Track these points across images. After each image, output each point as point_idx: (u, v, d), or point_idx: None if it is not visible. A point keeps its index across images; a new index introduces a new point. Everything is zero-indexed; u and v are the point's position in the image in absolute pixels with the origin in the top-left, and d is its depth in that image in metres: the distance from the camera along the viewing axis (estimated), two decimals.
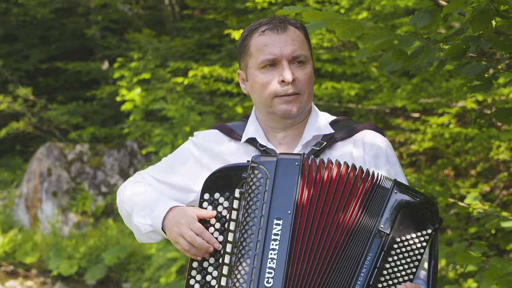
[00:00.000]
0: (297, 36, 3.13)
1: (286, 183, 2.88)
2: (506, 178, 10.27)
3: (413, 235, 2.92)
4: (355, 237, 2.89)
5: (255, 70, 3.14)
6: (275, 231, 2.82)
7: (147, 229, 3.09)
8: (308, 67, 3.15)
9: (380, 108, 11.00)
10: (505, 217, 5.19)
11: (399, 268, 2.91)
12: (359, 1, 9.55)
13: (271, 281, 2.78)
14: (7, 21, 19.18)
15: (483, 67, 3.51)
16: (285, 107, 3.10)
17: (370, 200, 2.92)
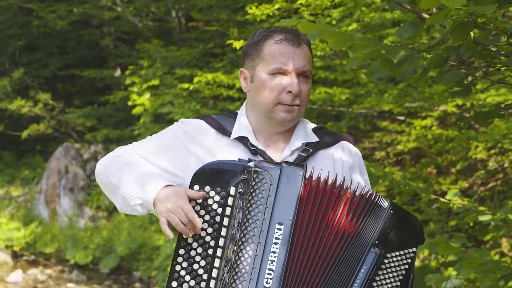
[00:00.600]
0: (307, 52, 3.10)
1: (289, 191, 2.84)
2: (483, 176, 10.27)
3: (401, 252, 2.93)
4: (352, 249, 2.87)
5: (264, 74, 3.08)
6: (276, 235, 2.78)
7: (136, 201, 2.97)
8: (310, 81, 3.12)
9: (368, 112, 10.99)
10: (482, 211, 5.19)
11: (386, 282, 2.91)
12: (350, 13, 9.54)
13: (270, 281, 2.74)
14: (28, 32, 19.18)
15: (463, 75, 3.50)
16: (285, 115, 3.06)
17: (368, 217, 2.90)
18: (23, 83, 18.82)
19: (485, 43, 3.39)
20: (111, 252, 14.32)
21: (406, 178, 8.77)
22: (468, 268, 5.15)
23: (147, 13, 16.72)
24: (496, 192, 10.09)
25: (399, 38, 3.41)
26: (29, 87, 18.86)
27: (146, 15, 16.79)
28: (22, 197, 17.38)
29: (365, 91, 10.17)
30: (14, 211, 16.70)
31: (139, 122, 13.39)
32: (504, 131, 8.28)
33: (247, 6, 10.36)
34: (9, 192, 17.70)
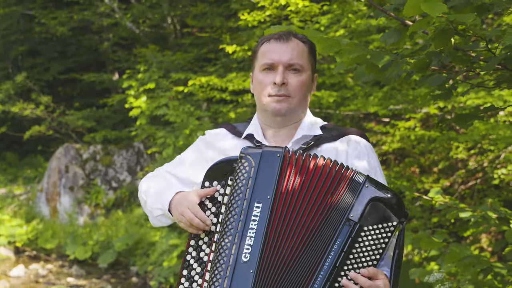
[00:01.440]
0: (298, 47, 3.15)
1: (268, 172, 2.88)
2: (463, 175, 10.28)
3: (379, 226, 2.90)
4: (327, 223, 2.87)
5: (257, 72, 3.19)
6: (255, 213, 2.83)
7: (158, 212, 3.15)
8: (303, 75, 3.15)
9: (355, 114, 11.00)
10: (463, 209, 5.20)
11: (364, 254, 2.88)
12: (337, 19, 9.55)
13: (248, 256, 2.78)
14: (30, 38, 19.16)
15: (444, 79, 3.51)
16: (274, 105, 3.12)
17: (343, 190, 2.90)
18: (25, 87, 18.79)
19: (465, 49, 3.40)
20: (109, 248, 14.31)
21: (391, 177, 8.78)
22: (449, 263, 5.16)
23: (144, 20, 16.71)
24: (476, 190, 10.11)
25: (384, 44, 3.42)
26: (31, 90, 18.83)
27: (143, 22, 16.78)
28: (24, 195, 17.34)
29: (352, 94, 10.18)
30: (16, 208, 16.67)
31: (136, 124, 13.36)
32: (483, 132, 8.30)
33: (240, 13, 10.36)
34: (11, 190, 17.67)
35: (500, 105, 8.12)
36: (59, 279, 13.44)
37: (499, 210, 5.20)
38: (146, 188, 3.29)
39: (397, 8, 3.36)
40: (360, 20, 9.15)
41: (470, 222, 5.34)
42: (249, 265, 2.79)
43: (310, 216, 2.88)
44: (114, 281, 13.30)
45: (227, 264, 2.79)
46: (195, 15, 14.86)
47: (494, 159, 9.77)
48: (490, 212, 5.14)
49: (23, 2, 18.59)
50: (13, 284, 12.87)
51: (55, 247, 15.20)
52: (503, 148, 9.26)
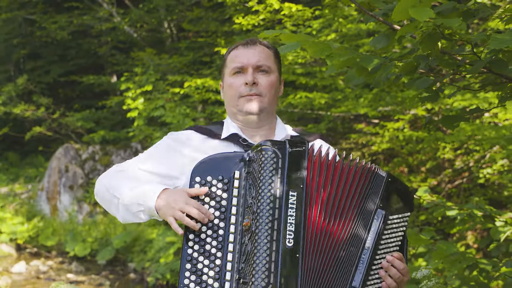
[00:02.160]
0: (264, 51, 3.22)
1: (297, 163, 2.87)
2: (450, 174, 10.30)
3: (399, 215, 3.00)
4: (362, 210, 2.92)
5: (227, 77, 3.22)
6: (291, 201, 2.79)
7: (138, 208, 2.97)
8: (271, 76, 3.20)
9: (345, 115, 11.00)
10: (449, 207, 5.21)
11: (390, 240, 2.97)
12: (328, 24, 9.56)
13: (291, 241, 2.75)
14: (32, 42, 19.16)
15: (431, 81, 3.52)
16: (248, 105, 3.16)
17: (371, 184, 2.96)
18: (26, 89, 18.80)
19: (451, 53, 3.40)
20: (108, 245, 14.30)
21: None
22: (436, 259, 5.17)
23: (142, 24, 16.70)
24: (462, 189, 10.12)
25: (373, 48, 3.42)
26: (32, 92, 18.85)
27: (141, 26, 16.77)
28: (26, 194, 17.33)
29: (343, 96, 10.19)
30: (18, 207, 16.66)
31: (133, 125, 13.35)
32: (469, 133, 8.31)
33: (234, 17, 10.36)
34: (13, 189, 17.66)
35: (485, 107, 8.13)
36: (59, 275, 13.43)
37: (485, 208, 5.21)
38: (115, 184, 3.10)
39: (386, 13, 3.36)
40: (350, 25, 9.16)
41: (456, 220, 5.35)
42: (294, 250, 2.75)
43: (347, 204, 2.90)
44: (112, 277, 13.29)
45: (270, 249, 2.72)
46: (191, 19, 14.86)
47: (480, 159, 9.78)
48: (476, 210, 5.14)
49: (24, 7, 18.57)
50: (14, 280, 12.86)
51: (55, 244, 15.20)
52: (488, 149, 9.28)
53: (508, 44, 2.81)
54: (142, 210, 2.98)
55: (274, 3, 9.27)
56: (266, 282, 2.68)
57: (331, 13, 9.23)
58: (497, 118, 8.92)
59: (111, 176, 3.16)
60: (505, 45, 2.82)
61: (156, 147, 3.26)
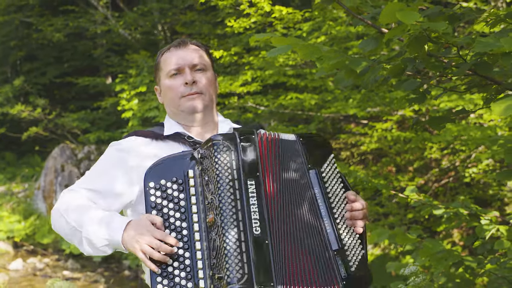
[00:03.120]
0: (196, 51, 3.22)
1: (249, 152, 2.87)
2: (437, 173, 10.31)
3: (327, 162, 3.05)
4: (300, 179, 2.94)
5: (165, 80, 3.19)
6: (251, 190, 2.79)
7: (102, 243, 2.88)
8: (208, 73, 3.21)
9: (335, 116, 11.01)
10: (436, 206, 5.22)
11: (334, 187, 3.01)
12: (318, 26, 9.56)
13: (258, 229, 2.73)
14: (28, 44, 19.12)
15: (418, 83, 3.52)
16: (190, 103, 3.14)
17: (293, 151, 3.00)
18: (23, 90, 18.79)
19: (438, 55, 3.41)
20: None
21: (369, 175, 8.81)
22: (423, 256, 5.18)
23: (136, 27, 16.69)
24: (449, 188, 10.14)
25: (362, 51, 3.43)
26: (28, 93, 18.83)
27: (135, 29, 16.75)
28: (22, 193, 17.30)
29: (332, 97, 10.19)
30: (15, 205, 16.63)
31: (128, 125, 13.35)
32: (455, 133, 8.32)
33: (226, 20, 10.36)
34: (10, 188, 17.63)
35: (471, 108, 8.14)
36: (55, 272, 13.41)
37: (470, 207, 5.23)
38: (75, 215, 2.95)
39: (374, 16, 3.37)
40: (340, 27, 9.16)
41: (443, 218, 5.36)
42: (262, 237, 2.73)
43: (288, 179, 2.91)
44: (108, 274, 13.28)
45: (239, 240, 2.70)
46: (184, 22, 14.85)
47: (466, 159, 9.80)
48: (462, 209, 5.16)
49: (21, 10, 18.53)
50: (12, 277, 12.84)
51: (51, 242, 15.16)
52: (474, 149, 9.29)
53: (493, 47, 2.81)
54: (107, 245, 2.89)
55: (265, 6, 9.27)
56: (241, 273, 2.65)
57: (320, 15, 9.23)
58: (482, 119, 8.94)
59: (67, 207, 3.01)
60: (490, 48, 2.82)
61: (101, 161, 3.18)
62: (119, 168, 3.08)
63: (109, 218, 2.90)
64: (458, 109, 3.90)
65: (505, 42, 2.79)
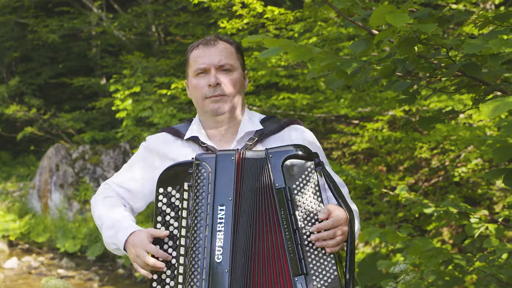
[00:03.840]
0: (226, 49, 3.15)
1: (226, 175, 2.85)
2: (427, 173, 10.33)
3: (302, 176, 2.87)
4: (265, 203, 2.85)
5: (192, 78, 3.16)
6: (220, 215, 2.79)
7: (112, 247, 3.05)
8: (234, 74, 3.14)
9: (327, 116, 11.02)
10: (426, 204, 5.22)
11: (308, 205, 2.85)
12: (310, 27, 9.56)
13: (220, 257, 2.75)
14: (23, 44, 19.08)
15: (408, 84, 3.53)
16: (214, 106, 3.10)
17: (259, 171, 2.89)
18: (18, 90, 18.77)
19: (427, 57, 3.42)
20: (97, 241, 14.26)
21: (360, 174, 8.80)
22: (413, 255, 5.19)
23: (130, 28, 16.67)
24: (438, 187, 10.16)
25: (353, 52, 3.43)
26: (24, 94, 18.81)
27: (129, 30, 16.74)
28: (18, 192, 17.26)
29: (324, 97, 10.19)
30: (10, 204, 16.60)
31: (122, 125, 13.34)
32: (444, 133, 8.34)
33: (219, 21, 10.36)
34: (5, 187, 17.59)
35: (460, 108, 8.16)
36: (50, 271, 13.39)
37: (460, 206, 5.24)
38: (99, 214, 3.16)
39: (365, 18, 3.37)
40: (331, 28, 9.16)
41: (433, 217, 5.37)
42: (223, 266, 2.75)
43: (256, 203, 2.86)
44: (102, 272, 13.27)
45: (201, 267, 2.75)
46: (177, 24, 14.85)
47: (455, 158, 9.82)
48: (451, 208, 5.17)
49: (17, 11, 18.49)
50: (7, 275, 12.81)
51: (46, 241, 15.14)
52: (463, 148, 9.31)
53: (481, 49, 2.82)
54: (117, 248, 3.03)
55: (257, 7, 9.27)
56: None
57: (311, 14, 9.23)
58: (472, 119, 8.96)
59: (98, 203, 3.20)
60: (478, 49, 2.83)
61: (133, 158, 3.29)
62: (147, 169, 3.20)
63: (120, 225, 3.04)
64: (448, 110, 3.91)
65: (493, 44, 2.80)
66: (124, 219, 3.08)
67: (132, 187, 3.20)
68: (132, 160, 3.29)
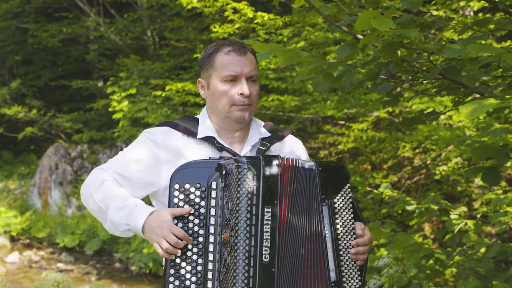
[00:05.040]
0: (253, 60, 3.09)
1: (270, 179, 2.83)
2: (409, 171, 10.34)
3: (341, 193, 2.98)
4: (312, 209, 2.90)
5: (218, 82, 3.06)
6: (266, 217, 2.76)
7: (124, 227, 2.88)
8: (258, 84, 3.11)
9: (314, 117, 11.02)
10: (408, 201, 5.23)
11: (344, 218, 2.96)
12: (298, 31, 9.57)
13: (268, 256, 2.73)
14: (24, 48, 19.03)
15: (392, 87, 3.53)
16: (240, 114, 3.04)
17: (309, 181, 2.93)
18: (20, 92, 18.71)
19: (410, 60, 3.42)
20: (95, 236, 14.23)
21: None
22: (396, 249, 5.20)
23: (126, 33, 16.64)
24: (420, 184, 10.17)
25: (339, 57, 3.43)
26: (25, 95, 18.75)
27: (126, 34, 16.70)
28: (19, 190, 17.22)
29: (311, 99, 10.20)
30: (12, 201, 16.56)
31: (118, 126, 13.30)
32: (426, 133, 8.35)
33: (211, 26, 10.35)
34: (7, 185, 17.55)
35: (441, 110, 8.17)
36: (50, 265, 13.36)
37: (440, 203, 5.25)
38: (102, 196, 2.98)
39: (350, 24, 3.37)
40: (318, 33, 9.17)
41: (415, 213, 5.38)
42: (270, 265, 2.73)
43: (301, 209, 2.87)
44: (99, 266, 13.24)
45: (249, 265, 2.70)
46: (172, 28, 14.83)
47: (436, 157, 9.83)
48: (432, 205, 5.18)
49: (18, 17, 18.45)
50: (8, 269, 12.77)
51: (46, 236, 15.12)
52: (444, 148, 9.33)
53: (461, 53, 2.83)
54: (129, 229, 2.89)
55: (248, 12, 9.27)
56: None
57: (299, 20, 9.23)
58: (452, 120, 8.97)
59: (96, 186, 3.02)
60: (458, 54, 2.83)
61: (135, 148, 3.14)
62: (150, 159, 3.06)
63: (133, 205, 2.89)
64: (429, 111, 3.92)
65: (472, 49, 2.80)
66: (134, 199, 2.95)
67: (131, 175, 3.04)
68: (131, 148, 3.16)
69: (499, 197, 5.19)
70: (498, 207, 5.07)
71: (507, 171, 8.41)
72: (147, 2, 15.70)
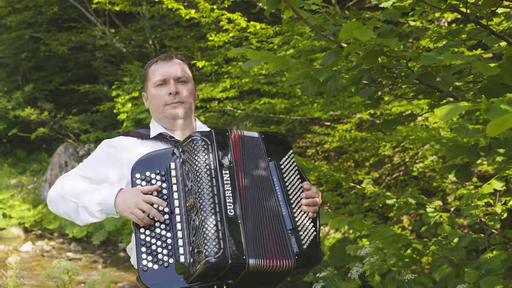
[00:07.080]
0: (180, 64, 3.20)
1: (223, 146, 2.87)
2: (389, 168, 10.35)
3: (286, 157, 3.01)
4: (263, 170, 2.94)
5: (152, 89, 3.18)
6: (225, 178, 2.79)
7: (96, 208, 2.87)
8: (189, 85, 3.20)
9: (302, 118, 11.02)
10: (389, 196, 5.24)
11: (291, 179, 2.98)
12: (287, 39, 9.57)
13: (232, 211, 2.73)
14: (37, 55, 18.99)
15: (373, 91, 3.53)
16: (173, 111, 3.14)
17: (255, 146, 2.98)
18: (32, 95, 18.71)
19: (390, 67, 3.42)
20: (101, 228, 14.22)
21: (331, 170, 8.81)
22: (377, 240, 5.20)
23: (130, 41, 16.62)
24: (399, 180, 10.18)
25: (325, 63, 3.43)
26: (37, 99, 18.75)
27: (129, 43, 16.68)
28: (32, 185, 17.21)
29: (300, 102, 10.20)
30: (25, 196, 16.55)
31: (122, 126, 13.29)
32: (404, 133, 8.36)
33: (208, 35, 10.35)
34: (21, 181, 17.54)
35: (418, 112, 8.18)
36: (60, 254, 13.37)
37: (417, 197, 5.26)
38: (70, 192, 2.97)
39: (335, 33, 3.37)
40: (306, 41, 9.17)
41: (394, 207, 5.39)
42: (235, 218, 2.73)
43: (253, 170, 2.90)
44: (105, 255, 13.23)
45: (216, 220, 2.69)
46: (171, 37, 14.81)
47: (414, 156, 9.84)
48: (410, 199, 5.19)
49: (31, 27, 18.43)
50: (23, 257, 12.77)
51: (56, 228, 15.12)
52: (421, 147, 9.34)
53: (436, 61, 2.83)
54: (101, 210, 2.87)
55: (241, 22, 9.27)
56: (217, 247, 2.64)
57: (289, 29, 9.23)
58: (428, 121, 8.99)
59: (63, 187, 3.02)
60: (434, 61, 2.84)
61: (96, 156, 3.15)
62: (110, 161, 3.08)
63: (103, 188, 2.92)
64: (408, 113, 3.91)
65: (446, 57, 2.80)
66: (103, 185, 2.98)
67: (95, 176, 3.05)
68: (92, 156, 3.17)
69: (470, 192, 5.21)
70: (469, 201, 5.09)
71: (478, 168, 8.43)
72: (149, 13, 15.69)
